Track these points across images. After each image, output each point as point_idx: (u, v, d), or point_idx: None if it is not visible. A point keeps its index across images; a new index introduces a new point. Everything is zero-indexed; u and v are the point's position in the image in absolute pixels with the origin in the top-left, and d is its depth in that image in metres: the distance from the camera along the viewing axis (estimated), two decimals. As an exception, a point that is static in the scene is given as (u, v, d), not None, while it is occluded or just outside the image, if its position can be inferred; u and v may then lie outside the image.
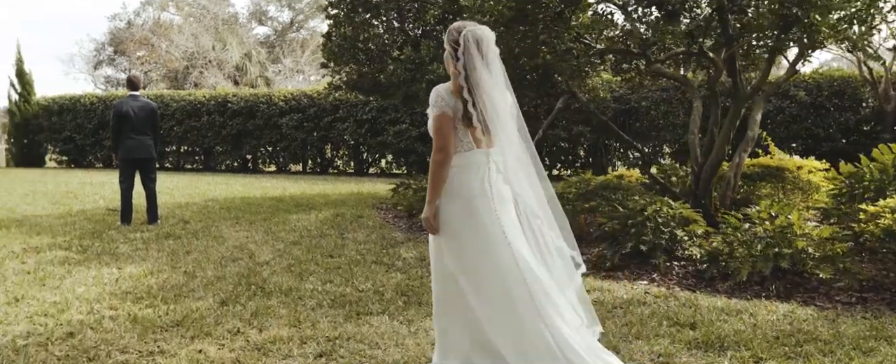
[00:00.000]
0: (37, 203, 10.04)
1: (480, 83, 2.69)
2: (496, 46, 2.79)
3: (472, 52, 2.70)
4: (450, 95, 2.74)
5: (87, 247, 6.40)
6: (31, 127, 18.82)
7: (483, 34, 2.74)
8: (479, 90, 2.69)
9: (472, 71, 2.70)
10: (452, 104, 2.72)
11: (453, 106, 2.72)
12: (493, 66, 2.75)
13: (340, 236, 6.91)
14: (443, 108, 2.72)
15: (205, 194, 11.09)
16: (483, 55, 2.71)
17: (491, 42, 2.76)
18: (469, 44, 2.70)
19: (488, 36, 2.76)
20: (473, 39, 2.71)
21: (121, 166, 7.88)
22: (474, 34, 2.72)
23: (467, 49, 2.70)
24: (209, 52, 30.62)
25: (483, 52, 2.71)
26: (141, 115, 7.78)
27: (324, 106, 15.22)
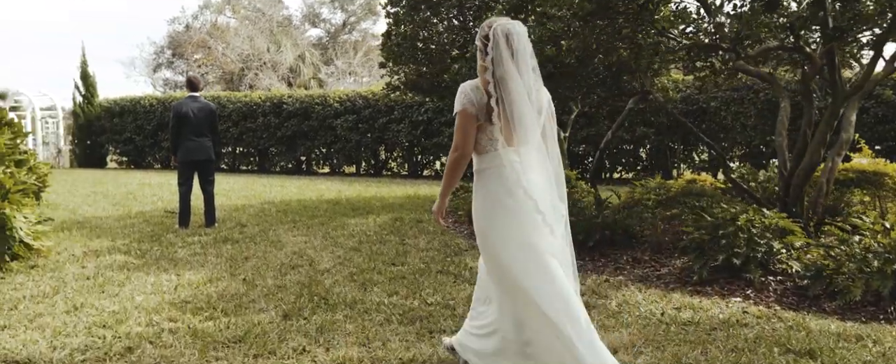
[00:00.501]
0: (98, 204, 10.10)
1: (506, 78, 2.62)
2: (528, 41, 2.71)
3: (501, 46, 2.63)
4: (475, 92, 2.69)
5: (146, 251, 6.28)
6: (94, 128, 19.24)
7: (513, 28, 2.67)
8: (505, 85, 2.62)
9: (498, 65, 2.63)
10: (477, 101, 2.67)
11: (477, 103, 2.67)
12: (523, 61, 2.67)
13: (401, 242, 6.62)
14: (465, 104, 2.66)
15: (261, 196, 11.00)
16: (512, 50, 2.64)
17: (522, 36, 2.68)
18: (498, 38, 2.64)
19: (519, 31, 2.68)
20: (503, 33, 2.64)
21: (179, 168, 7.77)
22: (504, 28, 2.65)
23: (497, 43, 2.64)
24: (264, 54, 30.95)
25: (513, 47, 2.64)
26: (200, 117, 7.67)
27: (379, 107, 15.03)
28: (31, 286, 4.90)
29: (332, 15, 45.70)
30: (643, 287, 4.70)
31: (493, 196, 2.72)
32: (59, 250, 6.31)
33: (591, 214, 5.78)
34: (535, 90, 2.70)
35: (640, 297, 4.40)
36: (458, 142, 2.69)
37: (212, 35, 35.45)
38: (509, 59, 2.63)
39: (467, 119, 2.67)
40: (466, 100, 2.67)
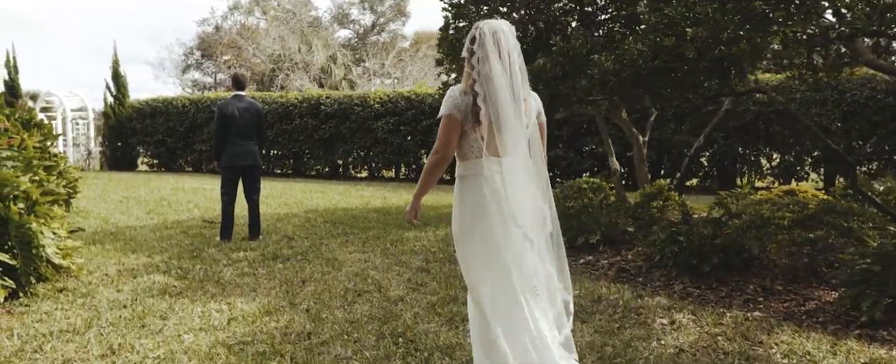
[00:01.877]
0: (130, 212, 9.44)
1: (491, 75, 2.57)
2: (516, 41, 2.66)
3: (488, 43, 2.60)
4: (462, 96, 2.64)
5: (188, 270, 5.53)
6: (125, 130, 18.73)
7: (499, 26, 2.64)
8: (490, 83, 2.57)
9: (484, 63, 2.59)
10: (463, 105, 2.63)
11: (464, 107, 2.63)
12: (509, 60, 2.61)
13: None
14: (451, 108, 2.63)
15: (302, 204, 10.26)
16: (499, 48, 2.60)
17: (509, 35, 2.64)
18: (485, 36, 2.62)
19: (505, 29, 2.64)
20: (490, 31, 2.63)
21: (223, 175, 7.03)
22: (491, 27, 2.64)
23: (483, 42, 2.61)
24: (295, 55, 30.41)
25: (499, 45, 2.60)
26: (246, 118, 6.93)
27: (422, 108, 14.24)
28: (59, 317, 4.17)
29: (361, 16, 45.31)
30: (799, 329, 3.81)
31: (470, 207, 2.69)
32: (90, 268, 5.60)
33: (707, 234, 4.90)
34: (522, 91, 2.65)
35: (808, 346, 3.52)
36: (438, 146, 2.66)
37: (242, 35, 35.06)
38: (495, 58, 2.59)
39: (452, 123, 2.64)
40: (453, 104, 2.64)
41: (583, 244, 6.11)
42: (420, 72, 32.23)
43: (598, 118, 8.06)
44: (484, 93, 2.59)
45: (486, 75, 2.59)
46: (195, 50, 43.32)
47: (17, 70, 18.46)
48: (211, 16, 45.39)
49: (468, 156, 2.70)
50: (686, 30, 4.20)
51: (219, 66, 42.94)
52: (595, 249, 6.07)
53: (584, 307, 4.30)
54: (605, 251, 6.02)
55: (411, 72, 31.87)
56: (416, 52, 33.74)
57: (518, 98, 2.62)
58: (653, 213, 6.18)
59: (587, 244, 6.08)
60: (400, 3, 44.51)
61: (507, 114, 2.57)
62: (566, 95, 5.72)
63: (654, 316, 4.06)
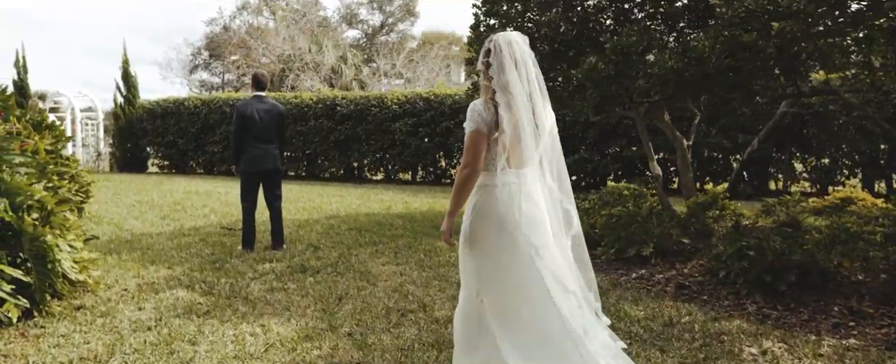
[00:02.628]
0: (145, 217, 9.06)
1: (510, 86, 2.64)
2: (531, 50, 2.74)
3: (504, 54, 2.67)
4: (485, 110, 2.68)
5: (213, 284, 5.14)
6: (135, 130, 18.38)
7: (513, 37, 2.72)
8: (509, 93, 2.64)
9: (501, 73, 2.65)
10: (487, 118, 2.66)
11: (488, 120, 2.66)
12: (525, 69, 2.68)
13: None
14: (478, 123, 2.66)
15: (321, 209, 9.87)
16: (514, 58, 2.66)
17: (523, 45, 2.71)
18: (501, 47, 2.69)
19: (519, 40, 2.73)
20: (504, 42, 2.70)
21: (243, 180, 6.64)
22: (505, 38, 2.72)
23: (499, 52, 2.68)
24: (305, 55, 30.05)
25: (514, 56, 2.67)
26: (267, 120, 6.54)
27: (442, 109, 13.83)
28: (78, 341, 3.78)
29: (369, 16, 45.01)
30: (910, 362, 3.39)
31: (482, 214, 2.73)
32: (108, 281, 5.21)
33: (781, 249, 4.48)
34: (539, 105, 2.71)
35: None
36: (467, 160, 2.69)
37: (252, 35, 34.76)
38: (512, 67, 2.65)
39: (479, 138, 2.67)
40: (480, 119, 2.66)
41: (634, 256, 5.69)
42: (431, 72, 31.85)
43: (637, 121, 7.64)
44: (504, 102, 2.65)
45: (503, 85, 2.65)
46: (203, 50, 43.08)
47: (26, 70, 18.14)
48: (219, 16, 45.16)
49: (487, 168, 2.72)
50: (773, 24, 3.78)
51: (227, 67, 42.68)
52: (647, 262, 5.65)
53: (655, 332, 3.89)
54: (657, 264, 5.60)
55: (422, 72, 31.48)
56: (427, 53, 33.34)
57: (537, 106, 2.69)
58: (708, 224, 5.76)
59: (638, 257, 5.66)
60: (409, 3, 44.19)
61: (525, 124, 2.63)
62: (618, 96, 5.31)
63: (740, 344, 3.65)
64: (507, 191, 2.68)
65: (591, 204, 7.62)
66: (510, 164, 2.70)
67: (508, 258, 2.67)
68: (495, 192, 2.69)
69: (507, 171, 2.69)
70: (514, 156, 2.69)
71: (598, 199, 7.49)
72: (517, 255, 2.66)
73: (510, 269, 2.67)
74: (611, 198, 7.29)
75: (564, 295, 2.68)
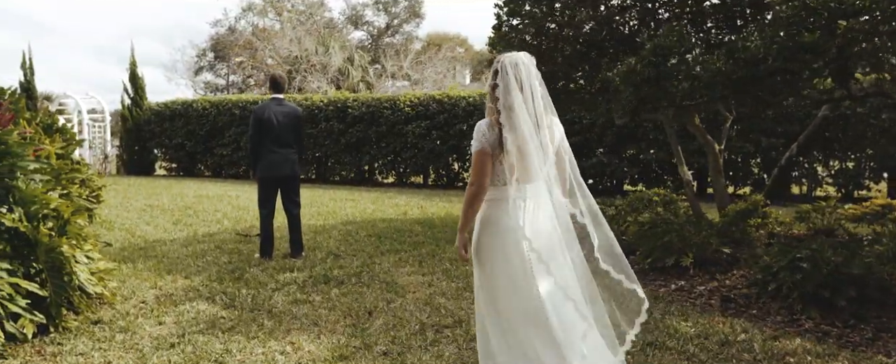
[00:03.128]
0: (156, 222, 8.85)
1: (515, 107, 2.68)
2: (537, 71, 2.77)
3: (509, 76, 2.71)
4: (490, 129, 2.75)
5: (234, 296, 4.91)
6: (143, 133, 18.18)
7: (519, 59, 2.75)
8: (514, 114, 2.68)
9: (506, 94, 2.70)
10: (491, 139, 2.74)
11: (491, 140, 2.74)
12: (531, 91, 2.71)
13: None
14: (483, 143, 2.75)
15: (336, 214, 9.64)
16: (519, 81, 2.70)
17: (529, 67, 2.74)
18: (506, 68, 2.72)
19: (526, 61, 2.75)
20: (510, 64, 2.73)
21: (260, 186, 6.42)
22: (512, 59, 2.75)
23: (505, 73, 2.72)
24: (312, 56, 29.86)
25: (520, 78, 2.70)
26: (285, 123, 6.31)
27: (456, 112, 13.59)
28: (98, 360, 3.57)
29: (375, 17, 44.86)
30: None
31: (489, 227, 2.81)
32: (124, 292, 4.99)
33: (837, 261, 4.23)
34: (545, 119, 2.74)
35: None
36: (474, 178, 2.78)
37: (258, 36, 34.59)
38: (516, 90, 2.69)
39: (484, 157, 2.75)
40: (484, 139, 2.74)
41: (672, 267, 5.45)
42: (438, 73, 31.64)
43: (666, 125, 7.39)
44: (508, 124, 2.69)
45: (508, 106, 2.69)
46: (208, 52, 42.92)
47: (32, 71, 17.94)
48: (224, 17, 44.97)
49: (495, 182, 2.80)
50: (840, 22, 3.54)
51: (232, 68, 42.51)
52: (685, 273, 5.41)
53: (712, 351, 3.65)
54: (696, 275, 5.36)
55: (430, 74, 31.27)
56: (435, 54, 33.13)
57: (541, 125, 2.72)
58: (749, 233, 5.51)
59: (677, 267, 5.42)
60: (414, 4, 44.01)
61: (529, 142, 2.68)
62: (656, 99, 5.07)
63: (808, 366, 3.40)
64: (514, 205, 2.75)
65: (617, 210, 7.39)
66: (517, 178, 2.75)
67: (514, 268, 2.74)
68: (502, 206, 2.77)
69: (513, 185, 2.75)
70: (521, 171, 2.75)
71: (626, 204, 7.25)
72: (522, 265, 2.72)
73: (515, 279, 2.74)
74: (639, 204, 7.05)
75: (563, 302, 2.71)
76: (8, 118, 5.13)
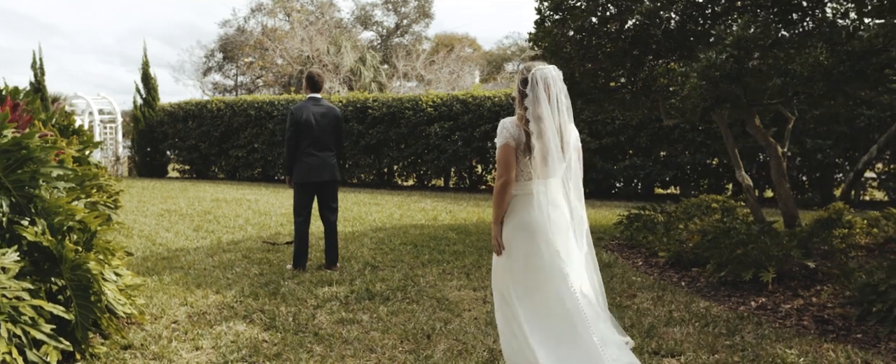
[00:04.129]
0: (176, 228, 8.42)
1: (543, 117, 2.91)
2: (563, 84, 3.00)
3: (539, 88, 2.92)
4: (515, 127, 2.98)
5: (274, 315, 4.47)
6: (156, 134, 17.78)
7: (549, 73, 2.95)
8: (541, 123, 2.91)
9: (536, 105, 2.92)
10: (516, 136, 2.96)
11: (517, 138, 2.96)
12: (557, 103, 2.95)
13: (616, 305, 4.70)
14: (507, 138, 2.96)
15: (362, 220, 9.20)
16: (549, 94, 2.93)
17: (557, 80, 2.97)
18: (537, 81, 2.93)
19: (555, 76, 2.97)
20: (541, 78, 2.94)
21: (296, 192, 5.98)
22: (542, 73, 2.95)
23: (535, 86, 2.93)
24: (324, 56, 29.44)
25: (549, 91, 2.93)
26: (324, 124, 5.88)
27: (480, 112, 13.13)
28: (133, 396, 3.11)
29: (384, 17, 44.51)
30: None
31: (514, 221, 3.02)
32: (153, 310, 4.55)
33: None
34: (566, 127, 3.00)
35: None
36: (501, 171, 2.99)
37: (269, 37, 34.23)
38: (545, 101, 2.92)
39: (509, 152, 2.96)
40: (509, 135, 2.96)
41: (747, 281, 4.98)
42: (452, 74, 31.19)
43: (721, 125, 6.92)
44: (536, 130, 2.92)
45: (537, 116, 2.91)
46: (216, 52, 42.59)
47: (43, 72, 17.59)
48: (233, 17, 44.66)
49: (518, 178, 3.02)
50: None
51: (241, 69, 42.16)
52: (762, 289, 4.94)
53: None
54: (777, 291, 4.88)
55: (443, 74, 30.82)
56: (448, 54, 32.70)
57: (566, 132, 2.99)
58: (836, 245, 5.03)
59: (755, 282, 4.95)
60: (424, 4, 43.62)
61: (552, 147, 2.93)
62: (734, 97, 4.60)
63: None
64: (537, 200, 2.99)
65: (669, 217, 6.92)
66: (538, 175, 3.00)
67: (536, 260, 2.97)
68: (527, 201, 3.01)
69: (535, 181, 3.00)
70: (541, 169, 2.99)
71: (680, 211, 6.78)
72: (543, 257, 2.96)
73: (538, 270, 2.97)
74: (697, 211, 6.58)
75: (582, 296, 2.95)
76: (26, 119, 4.71)
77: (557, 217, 3.01)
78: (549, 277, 2.95)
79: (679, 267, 5.86)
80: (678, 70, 5.03)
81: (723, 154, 10.98)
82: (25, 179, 3.54)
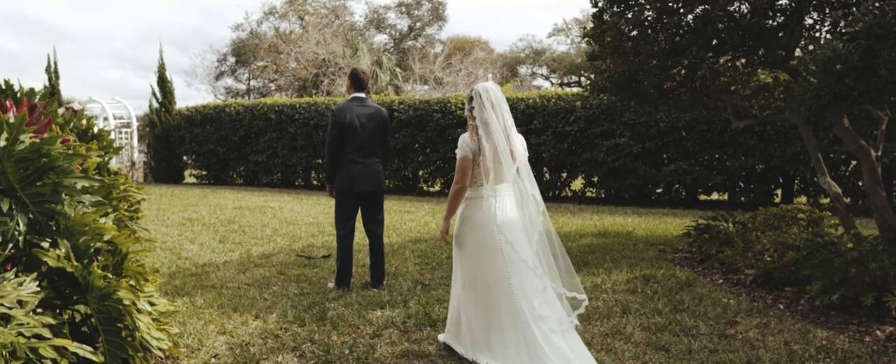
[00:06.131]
0: (201, 239, 7.85)
1: (488, 122, 3.49)
2: (503, 96, 3.57)
3: (483, 99, 3.51)
4: (471, 140, 3.55)
5: (327, 346, 3.88)
6: (172, 139, 17.28)
7: (489, 87, 3.56)
8: (488, 127, 3.49)
9: (481, 112, 3.51)
10: (473, 147, 3.53)
11: (473, 149, 3.53)
12: (499, 109, 3.51)
13: (720, 334, 4.07)
14: (466, 151, 3.54)
15: (398, 230, 8.62)
16: (491, 102, 3.50)
17: (497, 92, 3.55)
18: (480, 94, 3.54)
19: (494, 88, 3.56)
20: (483, 90, 3.54)
21: (339, 203, 5.39)
22: (483, 86, 3.56)
23: (479, 98, 3.53)
24: (340, 60, 28.95)
25: (491, 100, 3.50)
26: (369, 127, 5.30)
27: (513, 115, 12.47)
28: None
29: (398, 20, 44.08)
30: None
31: (469, 220, 3.60)
32: (189, 341, 3.97)
33: None
34: (511, 131, 3.53)
35: None
36: (458, 178, 3.57)
37: (284, 40, 33.80)
38: (489, 108, 3.49)
39: (467, 162, 3.54)
40: (467, 148, 3.54)
41: (872, 307, 4.33)
42: (470, 76, 30.60)
43: (801, 127, 6.28)
44: (485, 134, 3.50)
45: (484, 121, 3.50)
46: (229, 56, 42.24)
47: (57, 75, 17.16)
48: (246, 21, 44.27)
49: (473, 183, 3.60)
50: None
51: (253, 73, 41.77)
52: (886, 315, 4.30)
53: None
54: (900, 317, 4.24)
55: (461, 77, 30.25)
56: (465, 57, 32.14)
57: (511, 137, 3.52)
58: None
59: (879, 307, 4.31)
60: (438, 7, 43.16)
61: (502, 149, 3.46)
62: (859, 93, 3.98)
63: None
64: (488, 202, 3.49)
65: (741, 227, 6.28)
66: (490, 181, 3.50)
67: (487, 252, 3.47)
68: (479, 203, 3.54)
69: (487, 186, 3.51)
70: (494, 174, 3.50)
71: (761, 221, 6.13)
72: (493, 249, 3.45)
73: (488, 261, 3.47)
74: (780, 222, 5.94)
75: (526, 271, 3.42)
76: (45, 123, 4.14)
77: (504, 215, 3.49)
78: (497, 268, 3.46)
79: (769, 286, 5.23)
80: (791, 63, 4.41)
81: (784, 159, 10.28)
82: (46, 193, 2.96)
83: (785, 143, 10.10)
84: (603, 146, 11.40)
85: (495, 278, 3.45)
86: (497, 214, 3.46)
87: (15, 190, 2.92)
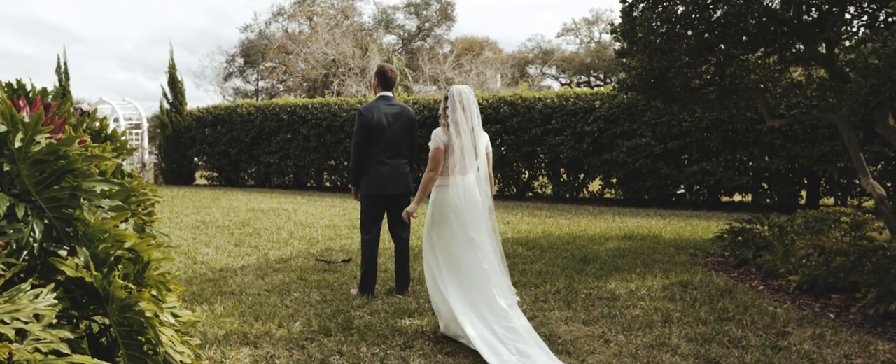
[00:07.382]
0: (216, 242, 7.65)
1: (459, 122, 4.00)
2: (474, 98, 4.08)
3: (456, 101, 4.01)
4: (444, 134, 4.08)
5: (356, 359, 3.67)
6: (183, 140, 17.11)
7: (463, 90, 4.05)
8: (458, 127, 4.00)
9: (453, 113, 4.01)
10: (445, 140, 4.07)
11: (445, 142, 4.06)
12: (469, 110, 4.01)
13: (772, 346, 3.83)
14: (438, 143, 4.08)
15: (417, 232, 8.37)
16: (462, 103, 3.99)
17: (469, 94, 4.04)
18: (454, 96, 4.02)
19: (466, 91, 4.04)
20: (457, 93, 4.02)
21: (364, 206, 5.18)
22: (457, 90, 4.04)
23: (453, 100, 4.02)
24: (350, 60, 28.77)
25: (462, 102, 4.00)
26: (397, 127, 5.09)
27: (530, 115, 12.26)
28: None
29: (407, 20, 43.94)
30: None
31: (441, 204, 4.10)
32: (211, 353, 3.77)
33: None
34: (478, 131, 4.05)
35: None
36: (431, 167, 4.13)
37: (293, 40, 33.66)
38: (460, 110, 3.98)
39: (439, 154, 4.08)
40: (440, 140, 4.08)
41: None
42: (480, 77, 30.36)
43: (841, 126, 6.02)
44: (455, 132, 4.00)
45: (455, 121, 4.00)
46: (238, 57, 42.17)
47: (67, 76, 17.03)
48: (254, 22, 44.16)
49: (444, 173, 4.11)
50: None
51: (261, 74, 41.66)
52: (947, 324, 4.05)
53: None
54: (964, 328, 3.99)
55: (470, 77, 30.02)
56: (476, 57, 31.92)
57: (477, 135, 4.04)
58: None
59: (938, 317, 4.06)
60: (446, 7, 42.99)
61: (466, 141, 3.99)
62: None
63: None
64: (456, 189, 4.02)
65: (777, 231, 6.02)
66: (458, 171, 4.04)
67: (457, 231, 3.98)
68: (449, 190, 4.06)
69: (456, 175, 4.04)
70: (461, 166, 4.03)
71: (800, 224, 5.88)
72: (461, 229, 3.96)
73: (457, 238, 3.98)
74: (822, 225, 5.69)
75: (483, 252, 3.91)
76: (60, 123, 3.93)
77: (471, 201, 3.96)
78: (465, 245, 3.93)
79: (814, 293, 4.97)
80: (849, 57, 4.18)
81: (801, 158, 10.02)
82: (64, 197, 2.76)
83: (812, 143, 9.82)
84: (623, 146, 11.14)
85: (465, 243, 3.92)
86: (465, 199, 3.96)
87: (30, 194, 2.72)
